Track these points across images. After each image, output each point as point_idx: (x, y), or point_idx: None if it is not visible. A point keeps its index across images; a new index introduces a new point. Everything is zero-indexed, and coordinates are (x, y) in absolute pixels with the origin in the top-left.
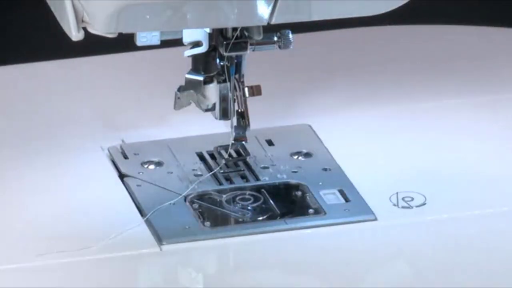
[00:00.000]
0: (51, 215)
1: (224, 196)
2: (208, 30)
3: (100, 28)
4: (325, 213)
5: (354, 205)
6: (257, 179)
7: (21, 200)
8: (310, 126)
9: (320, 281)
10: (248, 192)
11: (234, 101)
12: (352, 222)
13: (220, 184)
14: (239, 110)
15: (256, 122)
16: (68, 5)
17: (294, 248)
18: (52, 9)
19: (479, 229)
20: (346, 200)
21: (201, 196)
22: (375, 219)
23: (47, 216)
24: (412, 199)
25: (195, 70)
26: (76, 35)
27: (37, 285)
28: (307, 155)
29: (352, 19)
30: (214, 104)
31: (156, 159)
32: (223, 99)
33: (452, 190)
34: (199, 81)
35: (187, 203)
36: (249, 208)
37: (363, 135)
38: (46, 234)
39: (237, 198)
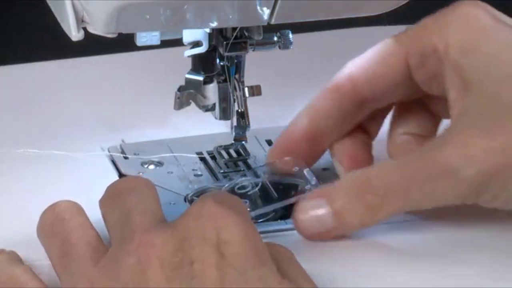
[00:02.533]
0: None
1: (222, 188)
2: (208, 30)
3: (100, 28)
4: None
5: None
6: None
7: (21, 200)
8: None
9: (320, 281)
10: (246, 178)
11: (234, 101)
12: None
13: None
14: (239, 110)
15: (256, 122)
16: (68, 5)
17: (294, 248)
18: (52, 9)
19: (480, 229)
20: None
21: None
22: None
23: None
24: None
25: (195, 70)
26: (76, 35)
27: (38, 285)
28: None
29: (352, 19)
30: (214, 104)
31: (156, 159)
32: (223, 99)
33: None
34: (199, 81)
35: (187, 203)
36: (249, 193)
37: None
38: None
39: (236, 187)
